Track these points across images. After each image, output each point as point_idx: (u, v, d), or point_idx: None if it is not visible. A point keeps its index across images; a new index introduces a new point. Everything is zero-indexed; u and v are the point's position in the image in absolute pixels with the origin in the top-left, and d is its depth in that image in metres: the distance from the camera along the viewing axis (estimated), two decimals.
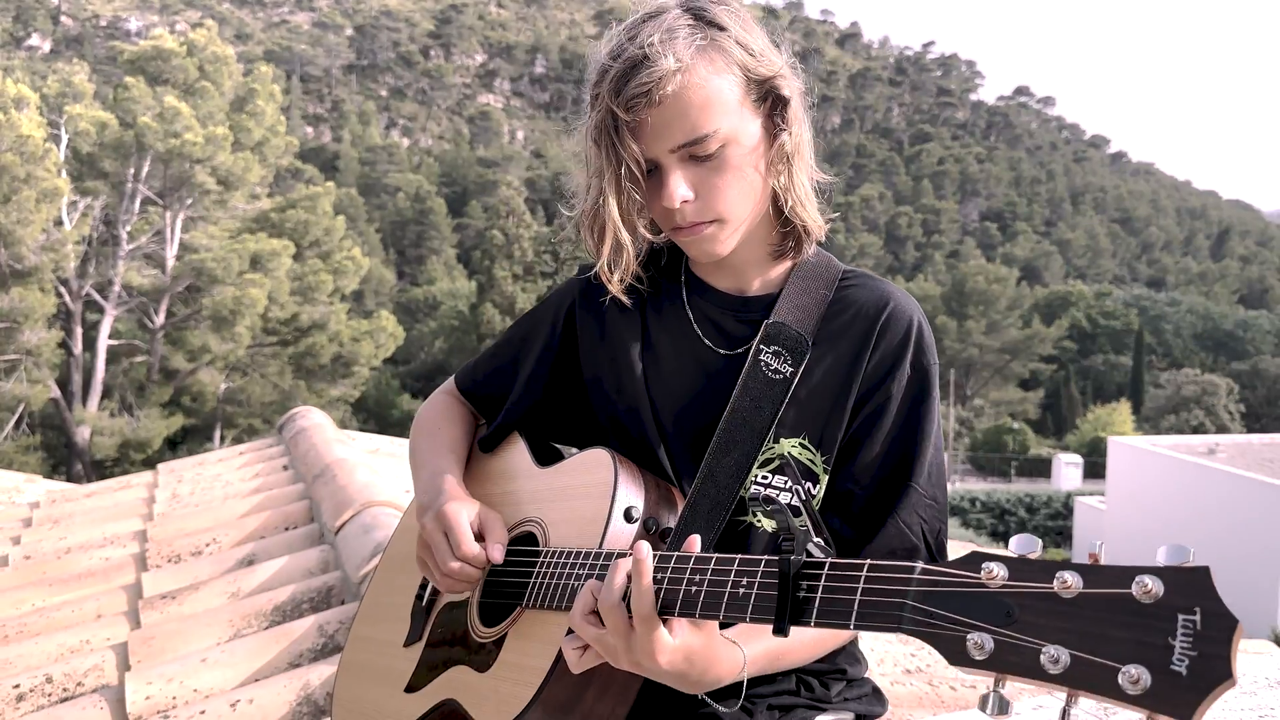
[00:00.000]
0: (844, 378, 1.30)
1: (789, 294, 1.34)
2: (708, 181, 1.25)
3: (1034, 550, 0.84)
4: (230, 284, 28.34)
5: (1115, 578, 0.78)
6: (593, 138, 1.26)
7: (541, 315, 1.52)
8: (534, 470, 1.44)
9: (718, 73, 1.23)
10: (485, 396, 1.57)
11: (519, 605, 1.29)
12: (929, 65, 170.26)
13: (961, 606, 0.84)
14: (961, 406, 54.28)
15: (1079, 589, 0.79)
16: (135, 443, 28.68)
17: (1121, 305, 69.27)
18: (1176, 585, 0.75)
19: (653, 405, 1.36)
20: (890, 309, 1.32)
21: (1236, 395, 50.14)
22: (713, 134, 1.23)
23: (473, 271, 52.79)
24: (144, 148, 28.26)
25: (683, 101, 1.21)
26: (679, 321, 1.39)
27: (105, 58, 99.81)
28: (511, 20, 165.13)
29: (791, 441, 1.28)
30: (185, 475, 4.18)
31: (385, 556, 1.66)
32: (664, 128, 1.22)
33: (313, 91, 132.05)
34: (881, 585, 0.91)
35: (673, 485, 1.32)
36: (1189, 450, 24.46)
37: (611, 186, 1.25)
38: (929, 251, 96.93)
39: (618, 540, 1.22)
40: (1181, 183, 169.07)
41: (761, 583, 0.99)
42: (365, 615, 1.61)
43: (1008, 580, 0.83)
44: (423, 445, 1.54)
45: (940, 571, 0.87)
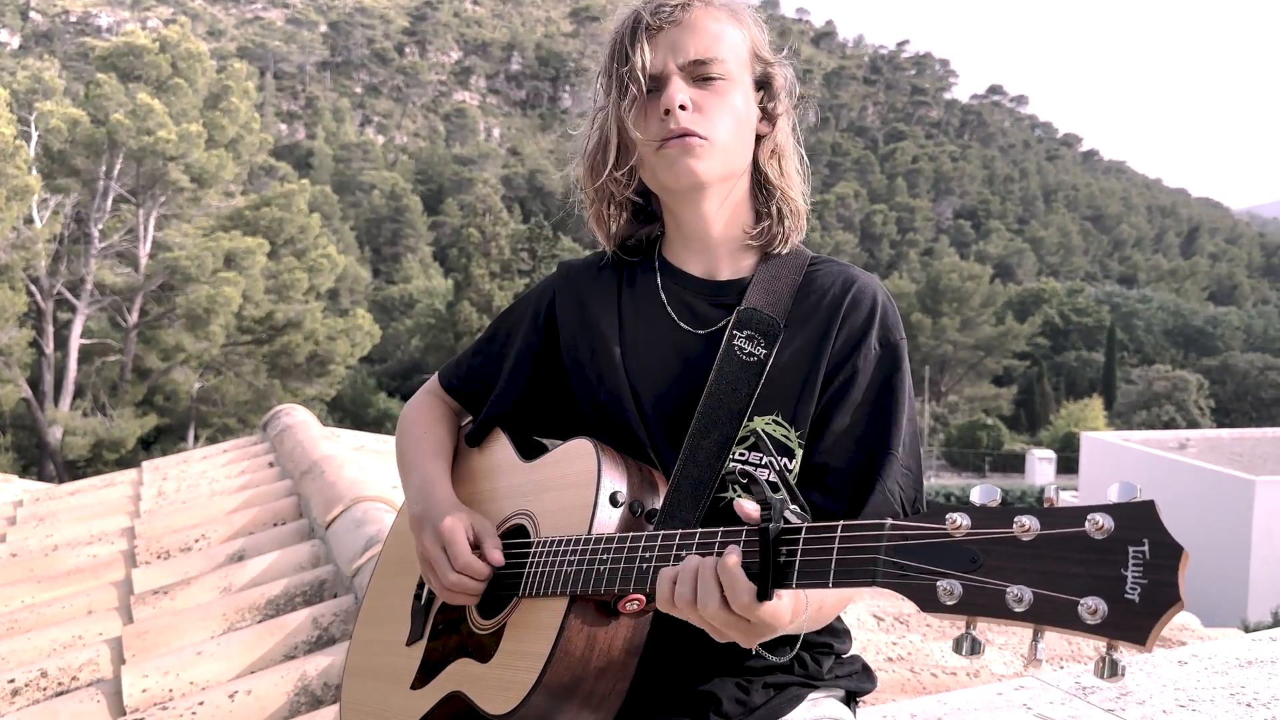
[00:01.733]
0: (813, 356, 1.35)
1: (759, 280, 1.40)
2: (707, 101, 1.34)
3: (994, 498, 0.90)
4: (204, 282, 28.09)
5: (1069, 518, 0.83)
6: (607, 56, 1.37)
7: (523, 310, 1.57)
8: (519, 465, 1.47)
9: (734, 25, 1.38)
10: (470, 393, 1.60)
11: (515, 596, 1.33)
12: (903, 64, 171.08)
13: (930, 556, 0.90)
14: (936, 403, 54.63)
15: (1037, 531, 0.85)
16: (108, 442, 28.40)
17: (1093, 302, 69.90)
18: (1125, 520, 0.81)
19: (634, 391, 1.40)
20: (855, 288, 1.38)
21: (1206, 391, 50.76)
22: (721, 60, 1.34)
23: (449, 269, 52.64)
24: (116, 145, 27.98)
25: (702, 26, 1.35)
26: (653, 306, 1.44)
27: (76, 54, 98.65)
28: (487, 17, 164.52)
29: (765, 419, 1.34)
30: (170, 473, 4.18)
31: (380, 562, 1.69)
32: (680, 42, 1.34)
33: (287, 88, 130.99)
34: (855, 544, 0.97)
35: (654, 468, 1.36)
36: (1160, 445, 24.78)
37: (616, 94, 1.35)
38: (904, 249, 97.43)
39: (605, 526, 1.26)
40: (1152, 181, 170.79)
41: (745, 550, 1.05)
42: (366, 619, 1.64)
43: (971, 529, 0.88)
44: (410, 448, 1.58)
45: (908, 525, 0.93)
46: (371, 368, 48.60)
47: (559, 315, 1.51)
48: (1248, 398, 53.41)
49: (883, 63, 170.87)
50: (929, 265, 75.06)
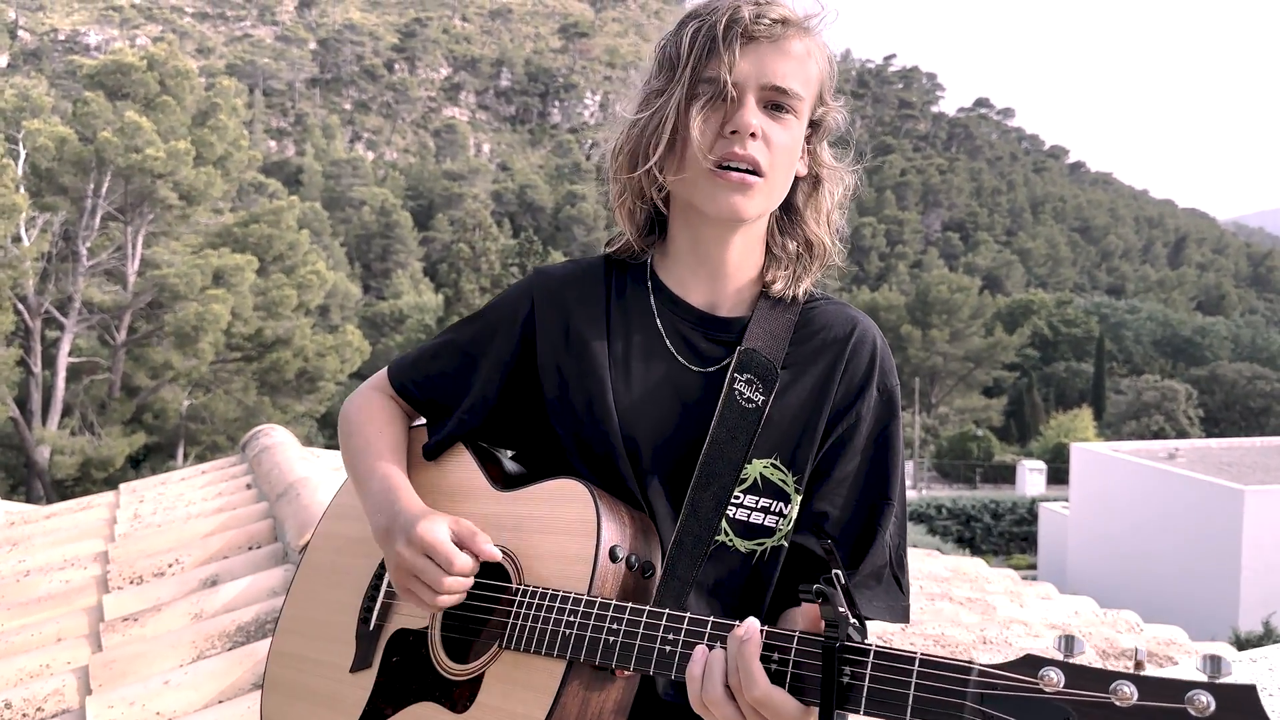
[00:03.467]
0: (815, 401, 1.31)
1: (759, 319, 1.34)
2: (774, 133, 1.27)
3: (1077, 650, 0.89)
4: (193, 300, 28.03)
5: (1169, 691, 0.81)
6: (689, 42, 1.25)
7: (493, 318, 1.44)
8: (494, 493, 1.37)
9: (817, 60, 1.30)
10: (426, 399, 1.47)
11: (492, 643, 1.25)
12: (890, 78, 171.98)
13: (1021, 710, 0.87)
14: (926, 414, 54.70)
15: (1134, 701, 0.83)
16: (97, 461, 28.24)
17: (1082, 313, 70.12)
18: (1228, 702, 0.79)
19: (625, 428, 1.31)
20: (857, 332, 1.35)
21: (1195, 400, 50.89)
22: (798, 95, 1.27)
23: (439, 285, 52.67)
24: (104, 163, 27.93)
25: (793, 52, 1.27)
26: (648, 334, 1.35)
27: (64, 72, 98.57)
28: (476, 34, 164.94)
29: (763, 462, 1.29)
30: (147, 495, 4.14)
31: (305, 565, 1.55)
32: (769, 62, 1.25)
33: (276, 105, 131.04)
34: (938, 681, 0.93)
35: (644, 511, 1.30)
36: (1150, 455, 24.81)
37: (686, 92, 1.25)
38: (893, 262, 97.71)
39: (604, 581, 1.20)
40: (1139, 192, 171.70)
41: (796, 661, 1.02)
42: (290, 629, 1.52)
43: (1063, 687, 0.86)
44: (363, 450, 1.44)
45: (998, 674, 0.90)
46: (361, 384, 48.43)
47: (538, 330, 1.38)
48: (1236, 407, 53.59)
49: (870, 76, 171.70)
50: (918, 277, 75.32)
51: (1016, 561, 29.68)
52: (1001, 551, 31.49)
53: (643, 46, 1.40)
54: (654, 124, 1.27)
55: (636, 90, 1.33)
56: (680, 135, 1.25)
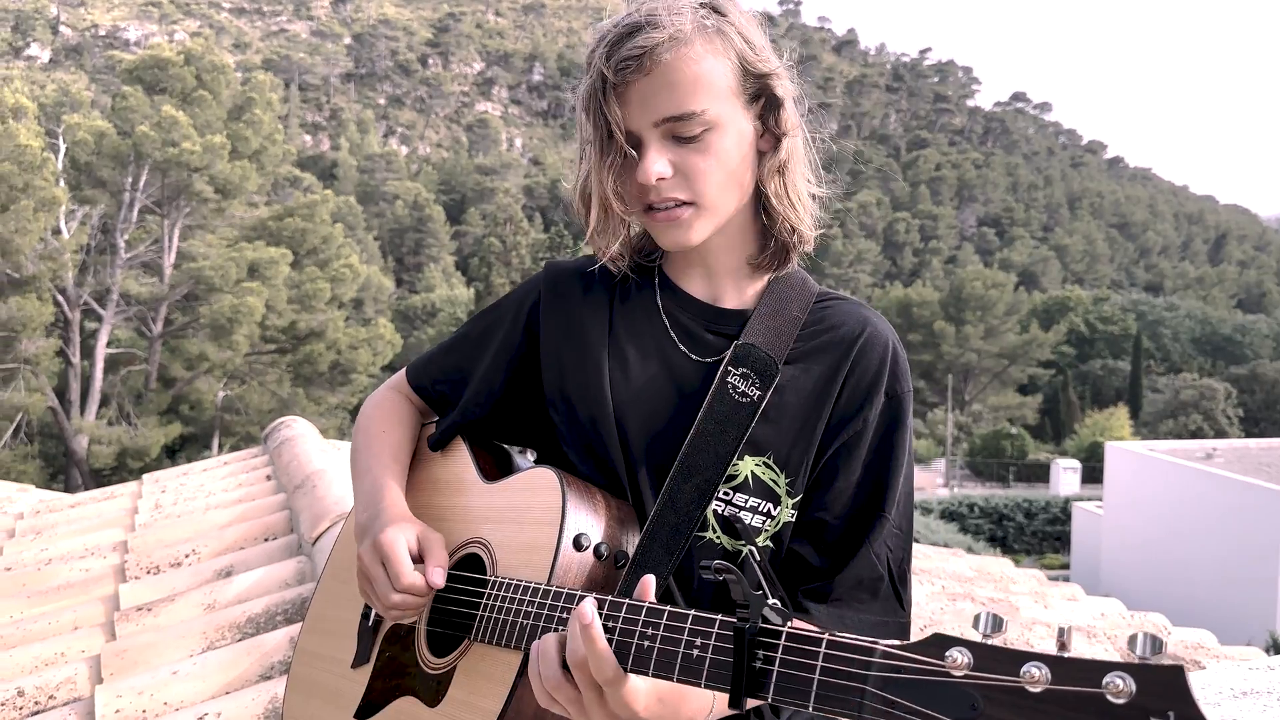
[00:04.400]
0: (816, 401, 1.27)
1: (761, 313, 1.31)
2: (688, 161, 1.22)
3: (1001, 630, 0.81)
4: (228, 292, 28.35)
5: (1085, 673, 0.74)
6: (583, 104, 1.24)
7: (503, 311, 1.45)
8: (479, 485, 1.37)
9: (714, 54, 1.21)
10: (440, 395, 1.49)
11: (467, 637, 1.25)
12: (926, 71, 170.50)
13: (924, 696, 0.81)
14: (960, 412, 54.23)
15: (1046, 683, 0.75)
16: (133, 451, 28.65)
17: (1119, 310, 69.19)
18: (1150, 685, 0.71)
19: (617, 414, 1.30)
20: (867, 333, 1.29)
21: (1235, 400, 50.04)
22: (699, 114, 1.20)
23: (471, 279, 52.91)
24: (142, 156, 28.31)
25: (674, 74, 1.19)
26: (651, 322, 1.34)
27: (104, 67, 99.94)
28: (509, 29, 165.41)
29: (756, 460, 1.25)
30: (169, 485, 4.17)
31: (330, 564, 1.59)
32: (651, 98, 1.20)
33: (311, 100, 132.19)
34: (840, 665, 0.87)
35: (628, 501, 1.28)
36: (1187, 455, 24.44)
37: (596, 153, 1.23)
38: (927, 257, 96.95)
39: (568, 571, 1.18)
40: (1179, 187, 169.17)
41: (716, 645, 0.96)
42: (312, 628, 1.55)
43: (971, 669, 0.79)
44: (365, 449, 1.46)
45: (901, 655, 0.84)
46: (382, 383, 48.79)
47: (543, 320, 1.39)
48: (1277, 406, 52.68)
49: (905, 70, 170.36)
50: (952, 273, 74.67)
51: (1049, 561, 29.36)
52: (1034, 551, 31.17)
53: None
54: (587, 183, 1.28)
55: (577, 137, 1.32)
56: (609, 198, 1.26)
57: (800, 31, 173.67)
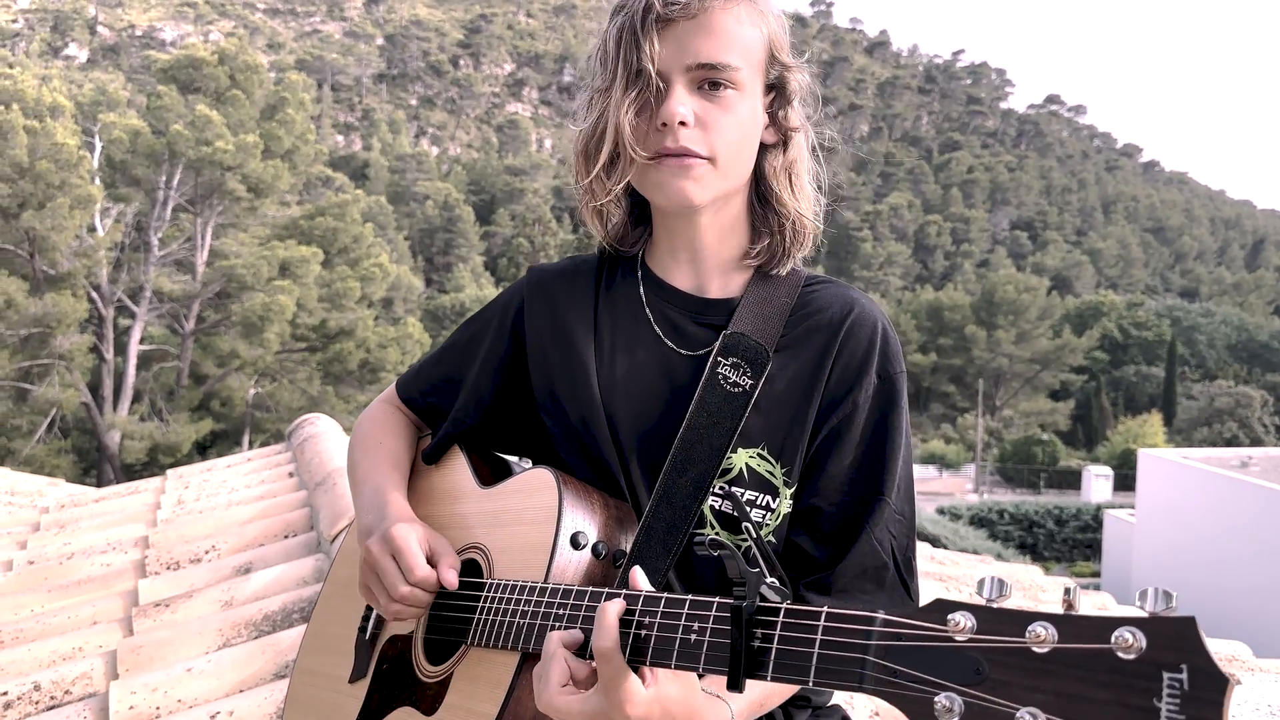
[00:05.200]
0: (806, 387, 1.24)
1: (749, 301, 1.28)
2: (711, 114, 1.21)
3: (1004, 594, 0.77)
4: (260, 290, 28.59)
5: (1092, 630, 0.71)
6: (614, 38, 1.21)
7: (488, 318, 1.44)
8: (476, 491, 1.35)
9: (753, 24, 1.23)
10: (429, 406, 1.48)
11: (464, 643, 1.22)
12: (958, 73, 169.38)
13: (926, 663, 0.78)
14: (991, 417, 53.76)
15: (1053, 642, 0.72)
16: (165, 447, 28.95)
17: (1154, 316, 68.41)
18: (1160, 638, 0.68)
19: (608, 413, 1.28)
20: (854, 315, 1.26)
21: (1271, 407, 49.34)
22: (733, 68, 1.20)
23: (500, 279, 53.11)
24: (176, 155, 28.61)
25: (717, 25, 1.20)
26: (636, 319, 1.32)
27: (140, 67, 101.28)
28: (540, 30, 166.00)
29: (750, 452, 1.23)
30: (192, 481, 4.18)
31: (328, 582, 1.56)
32: (690, 41, 1.19)
33: (343, 100, 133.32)
34: (840, 637, 0.84)
35: (626, 501, 1.25)
36: (1221, 463, 24.09)
37: (620, 89, 1.20)
38: (958, 260, 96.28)
39: (565, 570, 1.15)
40: (1215, 192, 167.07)
41: (714, 629, 0.93)
42: (310, 646, 1.53)
43: (975, 633, 0.76)
44: (362, 460, 1.44)
45: (902, 622, 0.80)
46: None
47: (528, 324, 1.38)
48: None
49: (938, 72, 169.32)
50: (984, 277, 74.10)
51: (1080, 569, 29.04)
52: (1065, 559, 30.83)
53: None
54: (600, 127, 1.23)
55: (583, 94, 1.29)
56: (622, 139, 1.21)
57: (832, 33, 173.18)
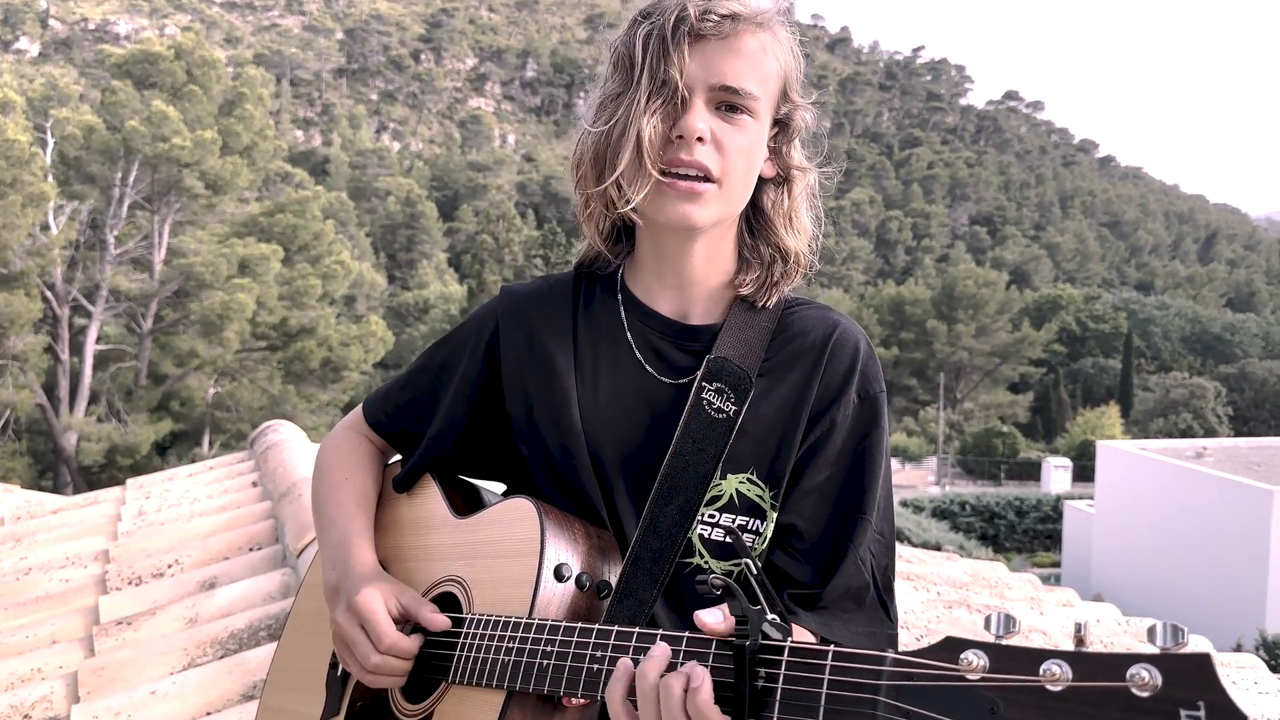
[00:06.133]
0: (793, 409, 1.23)
1: (731, 325, 1.27)
2: (726, 135, 1.19)
3: (1012, 630, 0.77)
4: (219, 288, 28.22)
5: (1107, 667, 0.71)
6: (641, 44, 1.18)
7: (460, 340, 1.39)
8: (452, 521, 1.31)
9: (776, 55, 1.23)
10: (399, 432, 1.43)
11: (444, 680, 1.19)
12: (918, 70, 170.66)
13: (940, 702, 0.77)
14: (951, 410, 54.30)
15: (1068, 681, 0.72)
16: (123, 448, 28.51)
17: (1110, 309, 69.37)
18: (1176, 675, 0.68)
19: (590, 440, 1.25)
20: (836, 335, 1.26)
21: (1224, 398, 50.25)
22: (753, 95, 1.20)
23: (464, 275, 52.73)
24: (132, 152, 28.14)
25: (745, 49, 1.19)
26: (616, 344, 1.29)
27: (93, 61, 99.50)
28: (502, 24, 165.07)
29: (739, 477, 1.22)
30: (154, 491, 4.10)
31: (293, 615, 1.51)
32: (718, 61, 1.18)
33: (303, 95, 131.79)
34: (850, 676, 0.83)
35: (607, 529, 1.23)
36: (1177, 454, 24.50)
37: (644, 96, 1.17)
38: (919, 255, 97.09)
39: (549, 603, 1.13)
40: (1170, 187, 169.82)
41: (714, 667, 0.92)
42: (276, 681, 1.48)
43: (988, 671, 0.75)
44: (327, 497, 1.40)
45: (914, 661, 0.80)
46: (385, 373, 48.73)
47: (503, 347, 1.33)
48: (1266, 405, 52.85)
49: (898, 68, 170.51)
50: (944, 271, 74.78)
51: (1040, 560, 29.41)
52: (1025, 549, 31.23)
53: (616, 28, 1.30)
54: (616, 132, 1.18)
55: (594, 96, 1.25)
56: (643, 146, 1.18)
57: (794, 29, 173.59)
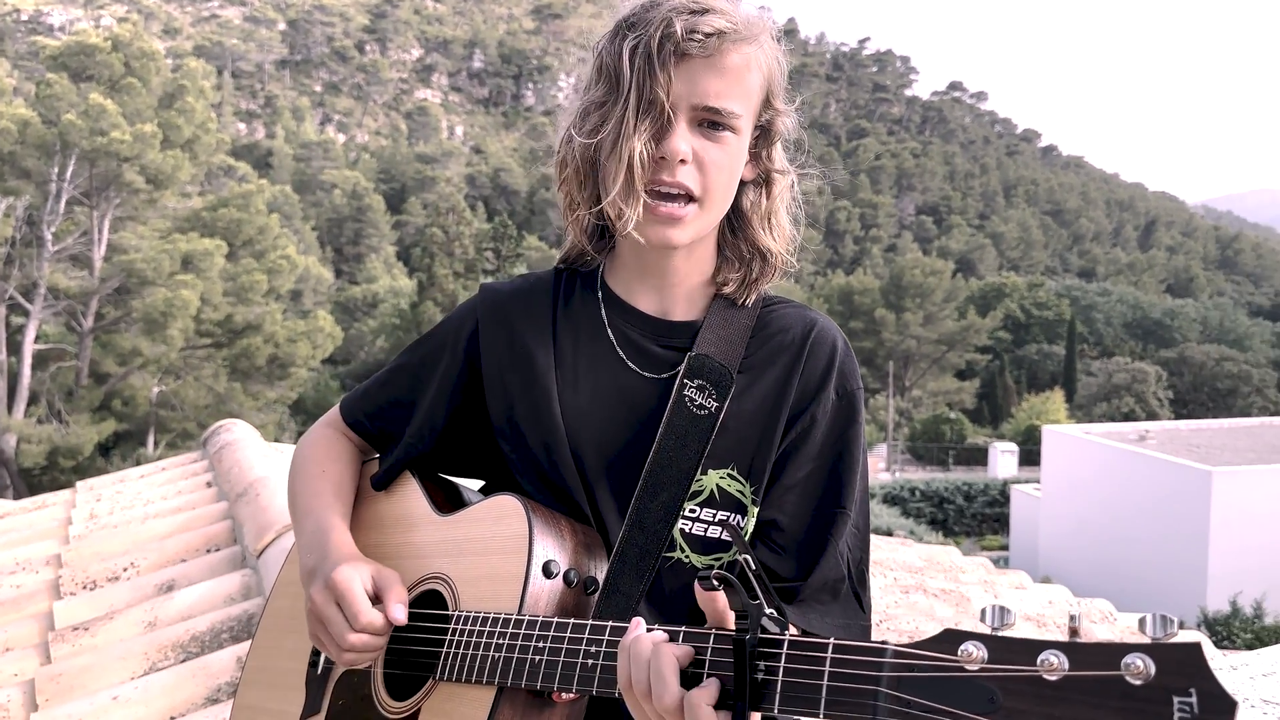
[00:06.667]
0: (773, 405, 1.25)
1: (711, 323, 1.29)
2: (708, 152, 1.20)
3: (1008, 622, 0.80)
4: (161, 285, 27.69)
5: (1102, 657, 0.74)
6: (628, 59, 1.17)
7: (440, 338, 1.39)
8: (434, 518, 1.31)
9: (758, 68, 1.23)
10: (379, 431, 1.43)
11: (430, 677, 1.19)
12: (865, 61, 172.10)
13: (940, 693, 0.80)
14: (900, 397, 55.00)
15: (1064, 671, 0.75)
16: (65, 450, 27.89)
17: (1054, 296, 70.63)
18: (1169, 664, 0.71)
19: (571, 437, 1.26)
20: (815, 333, 1.29)
21: (1165, 382, 51.42)
22: (735, 115, 1.20)
23: (413, 269, 52.24)
24: (68, 146, 27.49)
25: (729, 67, 1.19)
26: (597, 341, 1.30)
27: (26, 53, 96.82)
28: (448, 14, 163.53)
29: (720, 472, 1.24)
30: (104, 493, 4.03)
31: (267, 614, 1.50)
32: (702, 80, 1.18)
33: (245, 87, 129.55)
34: (850, 668, 0.86)
35: (591, 526, 1.25)
36: (1120, 437, 25.04)
37: (632, 115, 1.16)
38: (867, 245, 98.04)
39: (538, 599, 1.14)
40: (1110, 175, 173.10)
41: (713, 660, 0.94)
42: (251, 682, 1.47)
43: (987, 662, 0.78)
44: (304, 490, 1.40)
45: (913, 653, 0.82)
46: (335, 369, 48.19)
47: (483, 346, 1.34)
48: (1204, 388, 54.18)
49: (844, 60, 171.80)
50: (892, 261, 75.57)
51: (989, 543, 29.92)
52: (974, 533, 31.75)
53: (598, 24, 1.30)
54: (606, 149, 1.19)
55: (578, 101, 1.26)
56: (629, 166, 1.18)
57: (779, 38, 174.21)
